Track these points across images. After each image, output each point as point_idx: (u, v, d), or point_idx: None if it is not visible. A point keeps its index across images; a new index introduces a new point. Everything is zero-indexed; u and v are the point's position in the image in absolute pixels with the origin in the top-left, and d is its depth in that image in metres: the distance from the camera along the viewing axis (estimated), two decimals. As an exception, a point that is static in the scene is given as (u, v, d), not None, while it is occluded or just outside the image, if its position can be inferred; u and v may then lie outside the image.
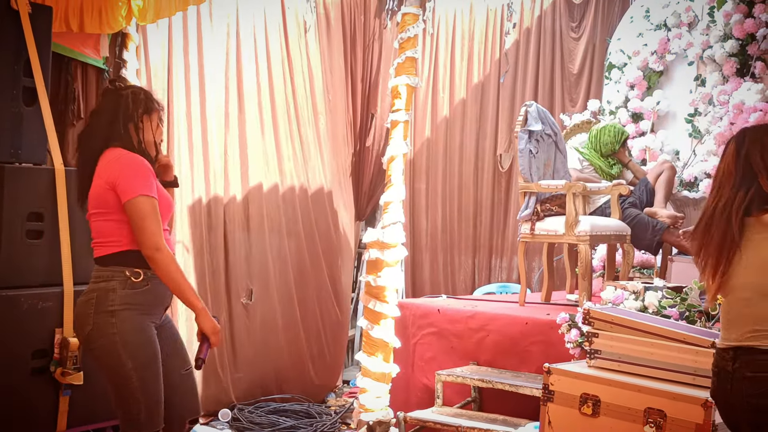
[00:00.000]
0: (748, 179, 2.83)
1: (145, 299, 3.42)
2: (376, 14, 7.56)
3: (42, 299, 4.15)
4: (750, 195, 2.81)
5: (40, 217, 4.20)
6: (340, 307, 7.39)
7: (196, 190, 6.27)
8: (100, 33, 5.55)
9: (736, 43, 6.70)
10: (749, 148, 2.85)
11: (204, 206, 6.31)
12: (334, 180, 7.41)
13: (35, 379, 4.14)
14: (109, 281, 3.38)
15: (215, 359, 6.32)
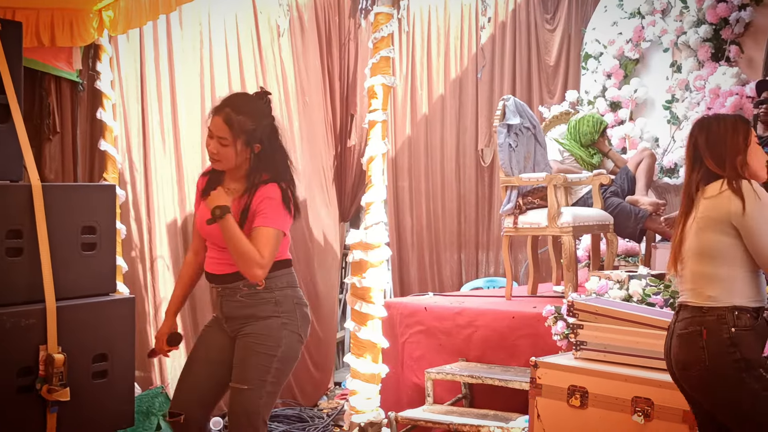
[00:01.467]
0: (698, 162, 3.26)
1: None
2: (351, 14, 7.54)
3: (25, 316, 4.10)
4: (698, 174, 3.25)
5: (19, 234, 4.16)
6: (321, 311, 7.36)
7: (174, 202, 6.25)
8: (72, 46, 5.52)
9: (710, 28, 6.73)
10: (697, 136, 3.29)
11: (180, 217, 6.28)
12: (312, 183, 7.39)
13: (21, 397, 4.10)
14: None
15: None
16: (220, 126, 3.45)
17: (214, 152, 3.48)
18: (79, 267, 4.36)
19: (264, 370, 3.53)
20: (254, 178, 3.52)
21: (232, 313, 3.61)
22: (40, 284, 4.18)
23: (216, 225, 3.44)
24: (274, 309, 3.56)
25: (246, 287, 3.56)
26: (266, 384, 3.53)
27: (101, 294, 4.51)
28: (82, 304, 4.34)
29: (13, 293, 4.14)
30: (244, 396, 3.52)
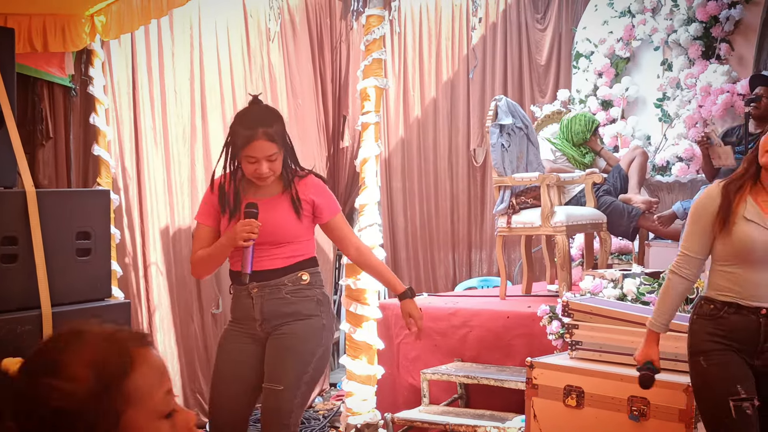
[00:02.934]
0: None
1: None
2: (342, 16, 7.53)
3: (20, 323, 4.11)
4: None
5: (13, 241, 4.17)
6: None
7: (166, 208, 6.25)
8: (65, 51, 5.52)
9: (700, 26, 6.76)
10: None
11: (172, 224, 6.28)
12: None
13: (18, 403, 4.11)
14: None
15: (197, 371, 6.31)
16: (266, 147, 3.43)
17: (267, 171, 3.46)
18: (75, 272, 4.37)
19: (301, 370, 3.51)
20: (287, 173, 3.57)
21: (274, 311, 3.55)
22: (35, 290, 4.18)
23: (282, 218, 3.51)
24: (317, 308, 3.59)
25: (290, 282, 3.55)
26: (302, 384, 3.51)
27: (97, 299, 4.52)
28: (77, 310, 4.35)
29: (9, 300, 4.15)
30: (280, 396, 3.48)
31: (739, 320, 3.15)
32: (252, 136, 3.41)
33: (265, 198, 3.54)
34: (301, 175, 3.60)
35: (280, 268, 3.54)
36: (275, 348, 3.53)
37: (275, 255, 3.54)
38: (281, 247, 3.54)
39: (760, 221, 3.13)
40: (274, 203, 3.55)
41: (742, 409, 3.12)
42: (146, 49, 6.18)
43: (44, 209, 4.23)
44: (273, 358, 3.53)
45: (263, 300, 3.54)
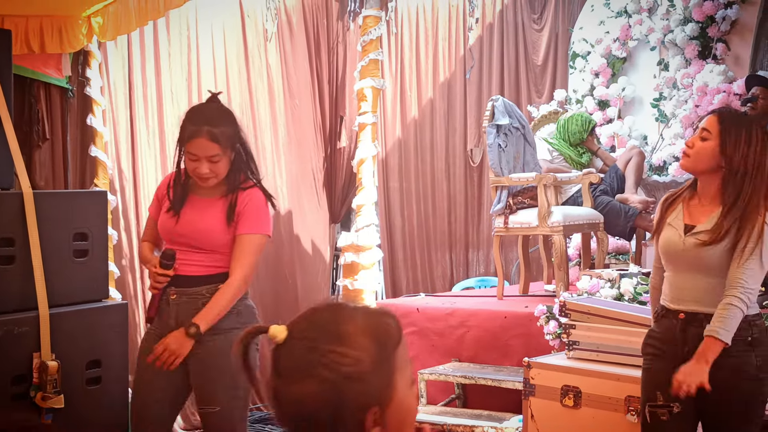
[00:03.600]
0: None
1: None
2: (339, 17, 7.56)
3: (18, 324, 4.11)
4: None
5: (10, 242, 4.17)
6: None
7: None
8: (62, 52, 5.51)
9: (697, 25, 6.76)
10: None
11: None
12: (300, 187, 7.39)
13: (16, 404, 4.11)
14: None
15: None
16: (206, 146, 3.33)
17: (207, 172, 3.36)
18: (72, 274, 4.37)
19: (232, 386, 3.37)
20: (234, 178, 3.44)
21: (187, 320, 3.39)
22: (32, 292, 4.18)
23: (210, 223, 3.40)
24: (237, 320, 3.42)
25: (209, 294, 3.41)
26: (238, 399, 3.41)
27: (94, 300, 4.52)
28: (75, 311, 4.35)
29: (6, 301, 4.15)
30: (218, 418, 3.37)
31: (665, 324, 3.17)
32: (196, 132, 3.33)
33: (203, 198, 3.46)
34: (245, 187, 3.46)
35: (201, 276, 3.42)
36: (200, 369, 3.40)
37: (197, 261, 3.43)
38: (204, 254, 3.43)
39: (677, 225, 3.14)
40: (209, 205, 3.44)
41: (657, 415, 3.13)
42: (142, 50, 6.18)
43: (41, 210, 4.23)
44: (200, 379, 3.41)
45: (179, 308, 3.43)
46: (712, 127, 3.08)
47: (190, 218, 3.42)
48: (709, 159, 3.06)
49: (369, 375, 1.48)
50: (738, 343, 3.00)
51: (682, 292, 3.12)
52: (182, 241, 3.43)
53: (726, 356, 2.98)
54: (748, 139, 3.02)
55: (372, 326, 1.52)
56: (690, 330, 3.08)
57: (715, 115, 3.11)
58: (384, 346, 1.51)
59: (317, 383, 1.47)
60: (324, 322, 1.53)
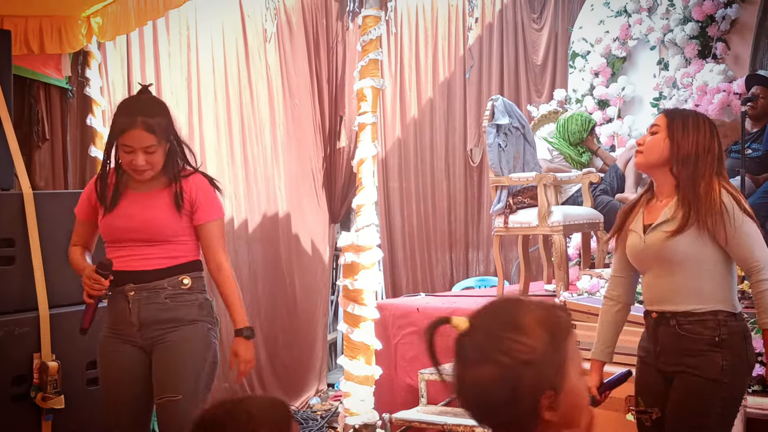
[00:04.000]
0: None
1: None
2: (338, 17, 7.56)
3: (18, 325, 4.12)
4: None
5: (11, 243, 4.18)
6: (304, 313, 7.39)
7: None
8: (61, 53, 5.52)
9: (696, 25, 6.76)
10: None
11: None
12: (300, 187, 7.39)
13: (16, 405, 4.12)
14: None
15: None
16: (142, 137, 3.23)
17: (143, 164, 3.26)
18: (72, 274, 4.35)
19: (196, 377, 3.31)
20: (171, 168, 3.36)
21: (152, 317, 3.31)
22: (33, 292, 4.19)
23: (158, 215, 3.32)
24: (199, 313, 3.37)
25: (170, 287, 3.33)
26: (199, 392, 3.32)
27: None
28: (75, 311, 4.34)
29: (6, 301, 4.16)
30: (179, 407, 3.25)
31: (646, 325, 3.15)
32: (130, 124, 3.22)
33: (143, 192, 3.36)
34: (186, 174, 3.38)
35: (159, 270, 3.32)
36: (164, 360, 3.31)
37: (151, 255, 3.33)
38: (157, 246, 3.33)
39: (636, 228, 3.12)
40: (152, 197, 3.35)
41: (641, 421, 3.12)
42: (141, 50, 6.18)
43: (41, 211, 4.23)
44: (163, 369, 3.31)
45: (140, 304, 3.32)
46: (661, 121, 3.10)
47: (135, 212, 3.32)
48: (660, 150, 3.05)
49: (543, 361, 1.61)
50: (703, 341, 2.95)
51: (651, 293, 3.10)
52: (133, 236, 3.32)
53: (690, 354, 2.95)
54: (695, 124, 3.03)
55: (546, 318, 1.66)
56: (660, 329, 3.05)
57: (662, 113, 3.16)
58: (556, 336, 1.64)
59: (497, 367, 1.62)
60: (503, 313, 1.69)
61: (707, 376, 2.93)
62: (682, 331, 2.97)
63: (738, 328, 2.98)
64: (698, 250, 2.97)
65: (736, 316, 3.00)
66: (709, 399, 2.94)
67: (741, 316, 3.03)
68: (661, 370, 3.05)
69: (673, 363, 3.00)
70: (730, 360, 2.93)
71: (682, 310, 2.98)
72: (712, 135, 3.04)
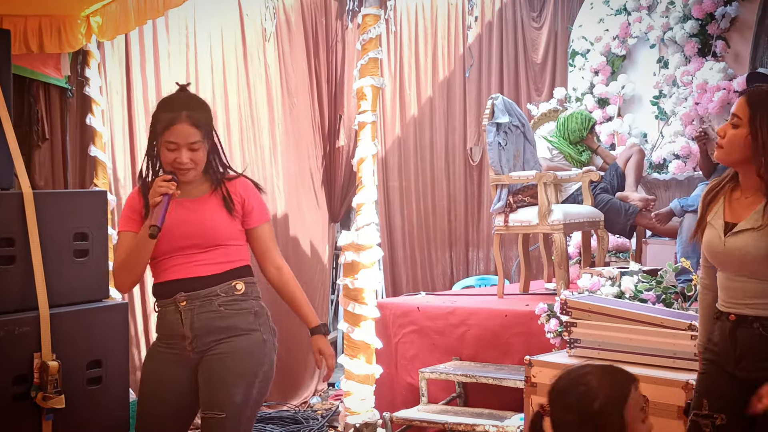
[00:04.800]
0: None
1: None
2: (338, 16, 7.55)
3: (18, 324, 4.11)
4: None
5: (11, 242, 4.16)
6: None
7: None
8: (61, 52, 5.51)
9: (696, 23, 6.76)
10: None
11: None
12: (298, 187, 7.38)
13: (17, 405, 4.10)
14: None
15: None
16: (188, 132, 3.08)
17: (187, 162, 3.11)
18: (72, 274, 4.37)
19: (244, 394, 3.13)
20: (214, 170, 3.22)
21: (206, 326, 3.15)
22: (33, 292, 4.18)
23: (210, 219, 3.15)
24: (255, 321, 3.23)
25: (224, 293, 3.17)
26: (246, 409, 3.15)
27: (94, 300, 4.52)
28: (75, 311, 4.35)
29: (7, 301, 4.15)
30: (222, 424, 3.08)
31: (719, 326, 2.92)
32: (174, 119, 3.07)
33: (190, 198, 3.18)
34: (230, 177, 3.26)
35: (211, 276, 3.16)
36: (212, 370, 3.13)
37: (204, 261, 3.16)
38: (210, 252, 3.17)
39: (716, 225, 2.88)
40: (202, 203, 3.19)
41: (699, 426, 2.90)
42: (140, 49, 6.17)
43: (41, 210, 4.22)
44: (210, 382, 3.13)
45: (193, 314, 3.14)
46: (742, 111, 2.76)
47: (186, 218, 3.15)
48: (743, 147, 2.76)
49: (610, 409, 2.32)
50: None
51: (731, 294, 2.86)
52: (184, 243, 3.15)
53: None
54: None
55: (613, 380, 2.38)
56: (740, 332, 2.82)
57: (744, 97, 2.79)
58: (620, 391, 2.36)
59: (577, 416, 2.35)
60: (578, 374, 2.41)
61: None
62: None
63: None
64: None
65: None
66: None
67: None
68: (739, 377, 2.84)
69: (757, 368, 2.79)
70: None
71: (766, 314, 2.78)
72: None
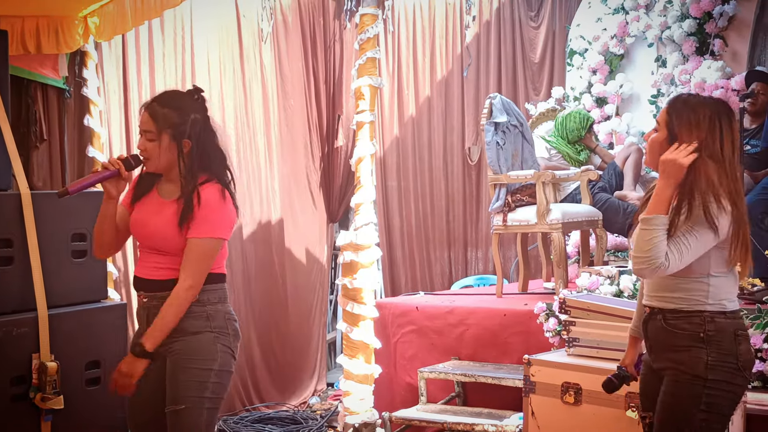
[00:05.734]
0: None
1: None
2: (335, 16, 7.55)
3: (17, 325, 4.11)
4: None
5: (9, 243, 4.17)
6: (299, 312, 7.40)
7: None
8: (58, 53, 5.51)
9: (694, 22, 6.76)
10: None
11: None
12: (291, 189, 7.38)
13: (16, 406, 4.11)
14: None
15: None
16: (146, 120, 3.25)
17: (141, 149, 3.27)
18: (70, 274, 4.37)
19: (200, 386, 3.26)
20: (189, 180, 3.27)
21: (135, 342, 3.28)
22: (31, 293, 4.18)
23: (161, 225, 3.26)
24: (206, 324, 3.30)
25: None
26: (204, 401, 3.26)
27: (93, 301, 4.52)
28: (73, 312, 4.36)
29: (5, 302, 4.15)
30: (182, 417, 3.24)
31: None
32: (144, 106, 3.30)
33: (161, 199, 3.33)
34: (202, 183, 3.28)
35: (165, 281, 3.27)
36: (170, 369, 3.28)
37: (161, 264, 3.30)
38: (166, 257, 3.28)
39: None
40: (164, 207, 3.30)
41: (644, 427, 3.09)
42: (137, 50, 6.17)
43: (39, 211, 4.23)
44: (169, 379, 3.29)
45: (149, 312, 3.30)
46: (662, 117, 2.95)
47: (148, 220, 3.31)
48: (662, 150, 2.91)
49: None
50: (688, 338, 2.87)
51: (646, 287, 3.04)
52: (144, 243, 3.34)
53: (675, 350, 2.88)
54: (695, 121, 2.87)
55: None
56: (650, 324, 2.98)
57: (665, 106, 2.97)
58: None
59: None
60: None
61: (691, 372, 2.84)
62: (668, 327, 2.91)
63: (728, 326, 2.88)
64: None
65: (727, 314, 2.90)
66: (693, 397, 2.85)
67: (735, 315, 2.93)
68: (654, 370, 3.00)
69: (660, 359, 2.95)
70: (716, 357, 2.85)
71: (670, 307, 2.91)
72: (713, 130, 2.88)
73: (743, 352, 2.89)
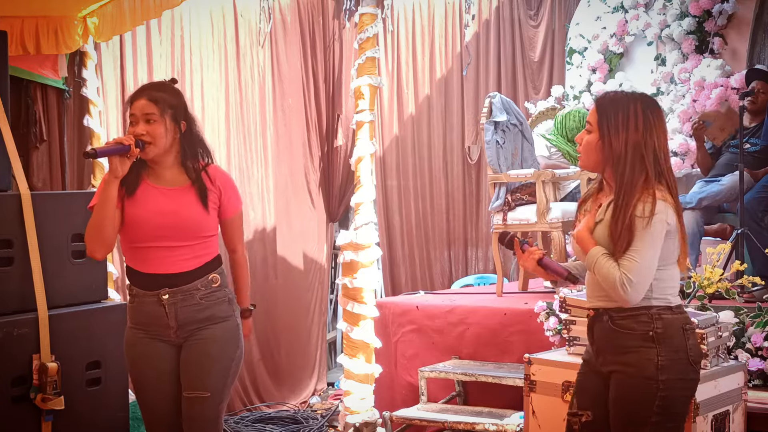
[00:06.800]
0: None
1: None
2: (335, 15, 7.54)
3: (17, 326, 4.12)
4: None
5: (9, 244, 4.17)
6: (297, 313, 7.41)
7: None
8: (58, 53, 5.51)
9: (693, 20, 6.77)
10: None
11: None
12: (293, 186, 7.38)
13: (16, 406, 4.11)
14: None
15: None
16: (144, 105, 3.33)
17: (143, 132, 3.30)
18: (71, 275, 4.38)
19: (224, 374, 3.39)
20: (191, 162, 3.39)
21: (189, 318, 3.36)
22: (31, 293, 4.18)
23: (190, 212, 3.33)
24: (229, 308, 3.44)
25: (203, 287, 3.38)
26: (226, 388, 3.42)
27: (93, 301, 4.52)
28: (74, 312, 4.36)
29: (5, 303, 4.15)
30: (208, 404, 3.34)
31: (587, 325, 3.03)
32: (137, 95, 3.39)
33: (167, 187, 3.38)
34: (204, 166, 3.42)
35: (191, 271, 3.36)
36: (195, 354, 3.36)
37: (182, 256, 3.34)
38: (187, 247, 3.35)
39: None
40: (180, 194, 3.36)
41: (570, 424, 2.99)
42: (134, 50, 6.17)
43: (39, 212, 4.23)
44: (193, 365, 3.36)
45: (176, 307, 3.34)
46: (593, 117, 2.90)
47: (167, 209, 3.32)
48: (595, 151, 2.88)
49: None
50: (637, 338, 2.82)
51: (589, 290, 2.98)
52: (163, 233, 3.32)
53: (623, 351, 2.83)
54: (625, 121, 2.83)
55: None
56: (596, 326, 2.92)
57: (594, 105, 2.93)
58: None
59: None
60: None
61: (642, 374, 2.79)
62: (616, 327, 2.85)
63: (675, 321, 2.84)
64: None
65: (673, 309, 2.86)
66: (646, 398, 2.80)
67: (680, 310, 2.89)
68: (599, 372, 2.92)
69: (609, 362, 2.88)
70: (666, 355, 2.80)
71: (614, 306, 2.86)
72: (646, 129, 2.84)
73: (693, 346, 2.86)
